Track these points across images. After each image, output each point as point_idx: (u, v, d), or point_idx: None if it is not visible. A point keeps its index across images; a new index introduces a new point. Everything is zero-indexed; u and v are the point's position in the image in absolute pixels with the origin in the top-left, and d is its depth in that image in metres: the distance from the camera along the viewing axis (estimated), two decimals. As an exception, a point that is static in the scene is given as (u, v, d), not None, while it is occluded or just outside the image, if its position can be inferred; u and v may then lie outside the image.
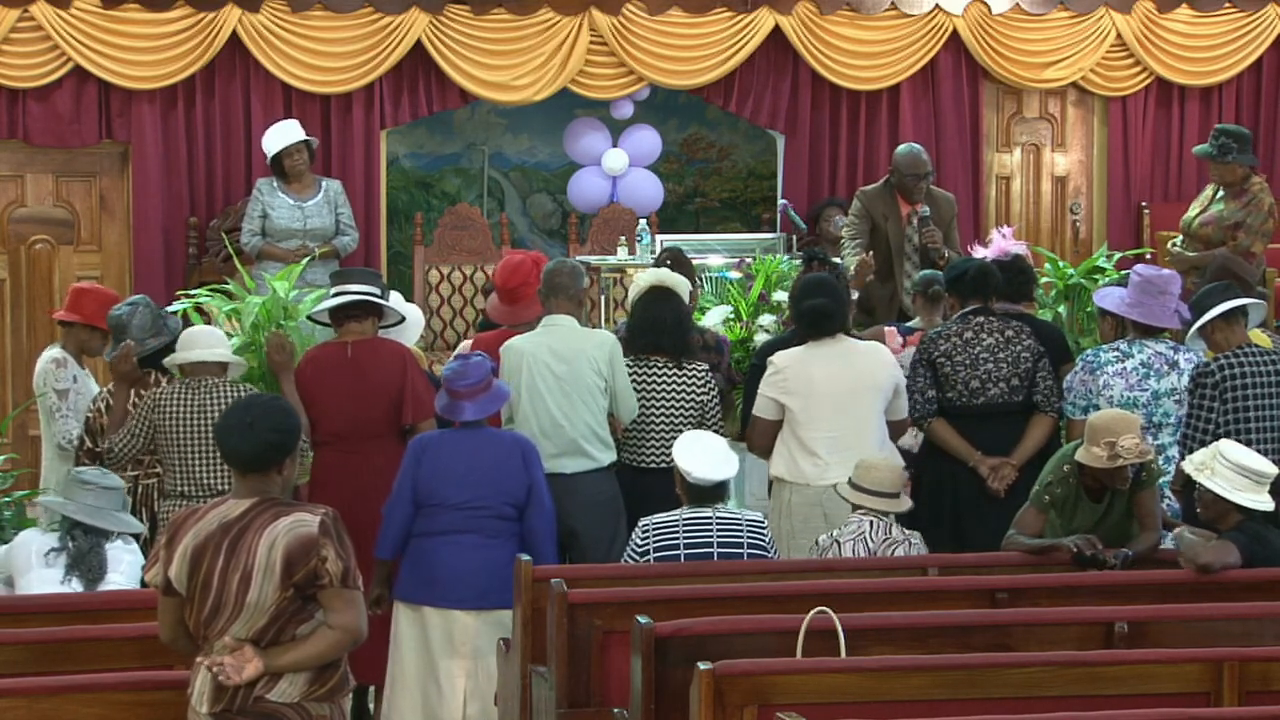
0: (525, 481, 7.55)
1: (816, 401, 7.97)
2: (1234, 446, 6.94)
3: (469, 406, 7.58)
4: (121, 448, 7.95)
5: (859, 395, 8.01)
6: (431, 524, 7.52)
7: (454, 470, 7.51)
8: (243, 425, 5.21)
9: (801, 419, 7.98)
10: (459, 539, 7.47)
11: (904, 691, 5.55)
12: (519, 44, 12.30)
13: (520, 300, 8.55)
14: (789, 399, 8.01)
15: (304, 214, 11.16)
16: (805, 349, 8.11)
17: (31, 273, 11.92)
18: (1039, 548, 7.14)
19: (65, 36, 11.67)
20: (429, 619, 7.54)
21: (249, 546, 5.13)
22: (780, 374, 8.06)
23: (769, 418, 8.08)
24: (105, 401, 8.27)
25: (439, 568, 7.47)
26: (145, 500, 8.20)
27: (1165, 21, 12.99)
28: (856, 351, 8.16)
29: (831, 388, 7.98)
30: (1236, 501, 6.81)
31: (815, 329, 8.10)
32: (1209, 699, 5.63)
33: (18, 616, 6.44)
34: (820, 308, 8.08)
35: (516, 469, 7.56)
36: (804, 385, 8.00)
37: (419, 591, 7.53)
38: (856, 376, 8.03)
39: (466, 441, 7.59)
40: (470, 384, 7.56)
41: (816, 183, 12.76)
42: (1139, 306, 8.30)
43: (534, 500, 7.56)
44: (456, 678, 7.53)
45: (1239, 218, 10.16)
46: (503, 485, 7.53)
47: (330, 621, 5.18)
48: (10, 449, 10.19)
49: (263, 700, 5.16)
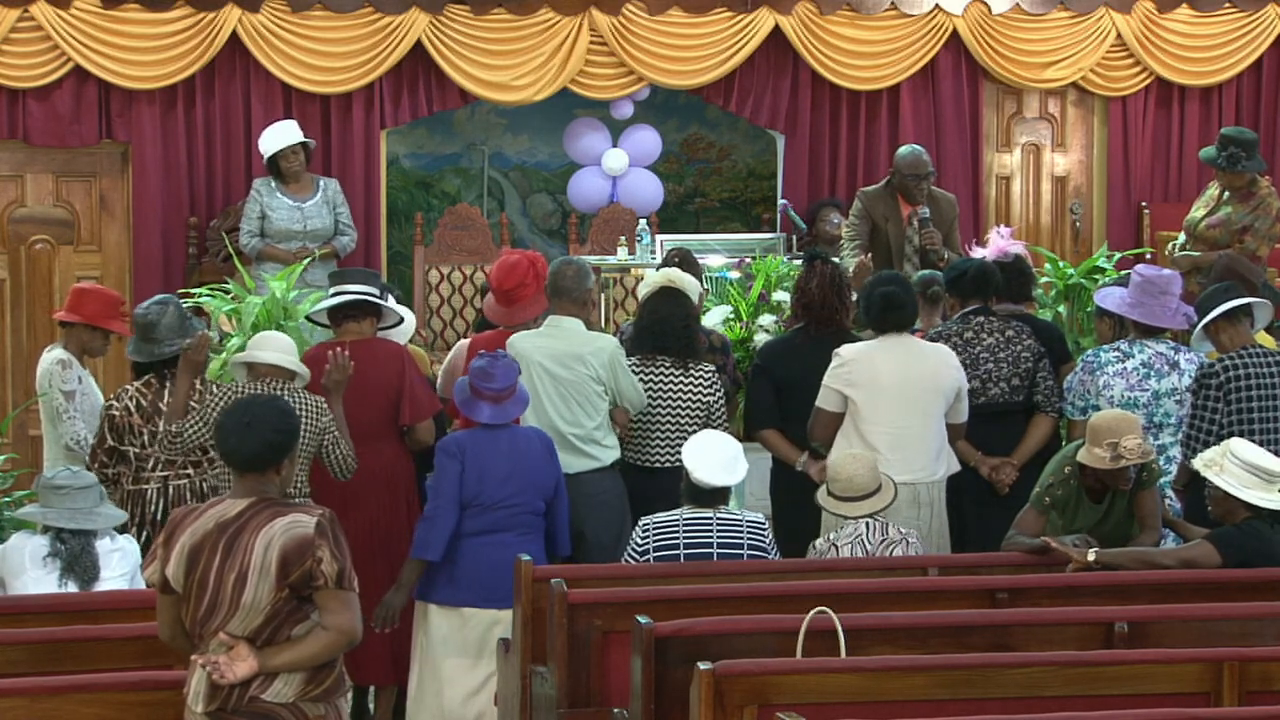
0: (555, 475, 7.62)
1: (880, 396, 7.92)
2: (1245, 444, 6.95)
3: (487, 409, 7.56)
4: (193, 433, 7.86)
5: (923, 394, 7.97)
6: (473, 525, 7.51)
7: (497, 470, 7.50)
8: (241, 425, 5.21)
9: (864, 412, 7.92)
10: (498, 538, 7.47)
11: (904, 691, 5.55)
12: (519, 44, 12.30)
13: (517, 301, 8.49)
14: (853, 391, 7.96)
15: (303, 214, 11.16)
16: (874, 343, 8.06)
17: (31, 273, 11.91)
18: (1039, 548, 7.14)
19: (65, 36, 11.67)
20: (471, 619, 7.52)
21: (245, 546, 5.13)
22: (845, 366, 8.01)
23: (831, 409, 8.02)
24: (135, 400, 8.17)
25: (483, 568, 7.45)
26: (178, 500, 8.13)
27: (1165, 21, 12.99)
28: (924, 351, 8.12)
29: (896, 383, 7.93)
30: (1245, 499, 6.81)
31: (885, 318, 8.04)
32: (1209, 699, 5.63)
33: (17, 617, 6.44)
34: (892, 296, 8.04)
35: (548, 464, 7.61)
36: (868, 378, 7.95)
37: (464, 594, 7.51)
38: (922, 376, 7.99)
39: (501, 441, 7.56)
40: (494, 388, 7.54)
41: (816, 183, 12.75)
42: (1140, 307, 8.30)
43: (560, 492, 7.63)
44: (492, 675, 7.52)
45: (1247, 221, 10.14)
46: (538, 481, 7.57)
47: (325, 622, 5.17)
48: (10, 449, 10.18)
49: (258, 700, 5.17)
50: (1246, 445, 6.95)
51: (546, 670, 6.50)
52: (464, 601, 7.53)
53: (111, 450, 8.13)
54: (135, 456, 8.11)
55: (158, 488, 8.11)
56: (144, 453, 8.12)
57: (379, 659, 8.00)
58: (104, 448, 8.13)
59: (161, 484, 8.11)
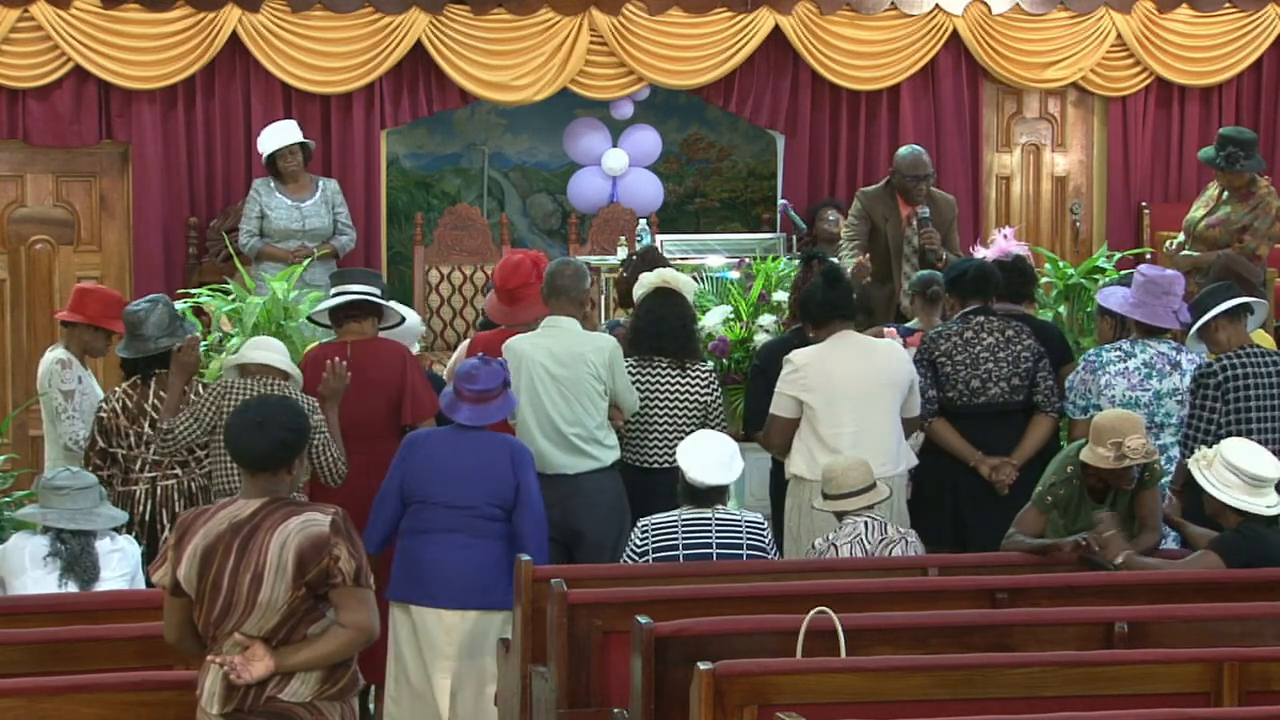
0: (512, 483, 7.51)
1: (837, 398, 7.95)
2: (1237, 447, 6.91)
3: (466, 410, 7.55)
4: (183, 431, 7.88)
5: (878, 391, 7.99)
6: (419, 522, 7.51)
7: (441, 468, 7.49)
8: (253, 425, 5.21)
9: (822, 416, 7.95)
10: (446, 538, 7.45)
11: (904, 691, 5.55)
12: (519, 44, 12.30)
13: (520, 301, 8.52)
14: (809, 395, 7.98)
15: (302, 214, 11.16)
16: (823, 346, 8.09)
17: (31, 273, 11.91)
18: (1039, 547, 7.14)
19: (65, 36, 11.67)
20: (419, 618, 7.53)
21: (260, 546, 5.12)
22: (799, 371, 8.03)
23: (787, 415, 8.05)
24: (121, 401, 8.21)
25: (426, 566, 7.47)
26: (166, 501, 8.15)
27: (1165, 21, 12.98)
28: (874, 348, 8.15)
29: (851, 384, 7.95)
30: (1223, 500, 6.80)
31: (828, 315, 8.11)
32: (1209, 699, 5.63)
33: (17, 617, 6.44)
34: (828, 295, 8.10)
35: (504, 470, 7.52)
36: (823, 381, 7.97)
37: (409, 590, 7.53)
38: (876, 373, 8.01)
39: (457, 441, 7.56)
40: (476, 390, 7.53)
41: (816, 183, 12.75)
42: (1142, 306, 8.29)
43: (521, 502, 7.51)
44: (441, 677, 7.51)
45: (1246, 221, 10.14)
46: (489, 485, 7.49)
47: (343, 620, 5.17)
48: (10, 449, 10.17)
49: (274, 700, 5.16)
50: (1240, 448, 6.91)
51: (546, 670, 6.50)
52: (412, 598, 7.52)
53: (102, 452, 8.16)
54: (123, 458, 8.13)
55: (146, 489, 8.13)
56: (131, 454, 8.15)
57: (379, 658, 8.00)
58: (95, 450, 8.16)
59: (150, 485, 8.13)
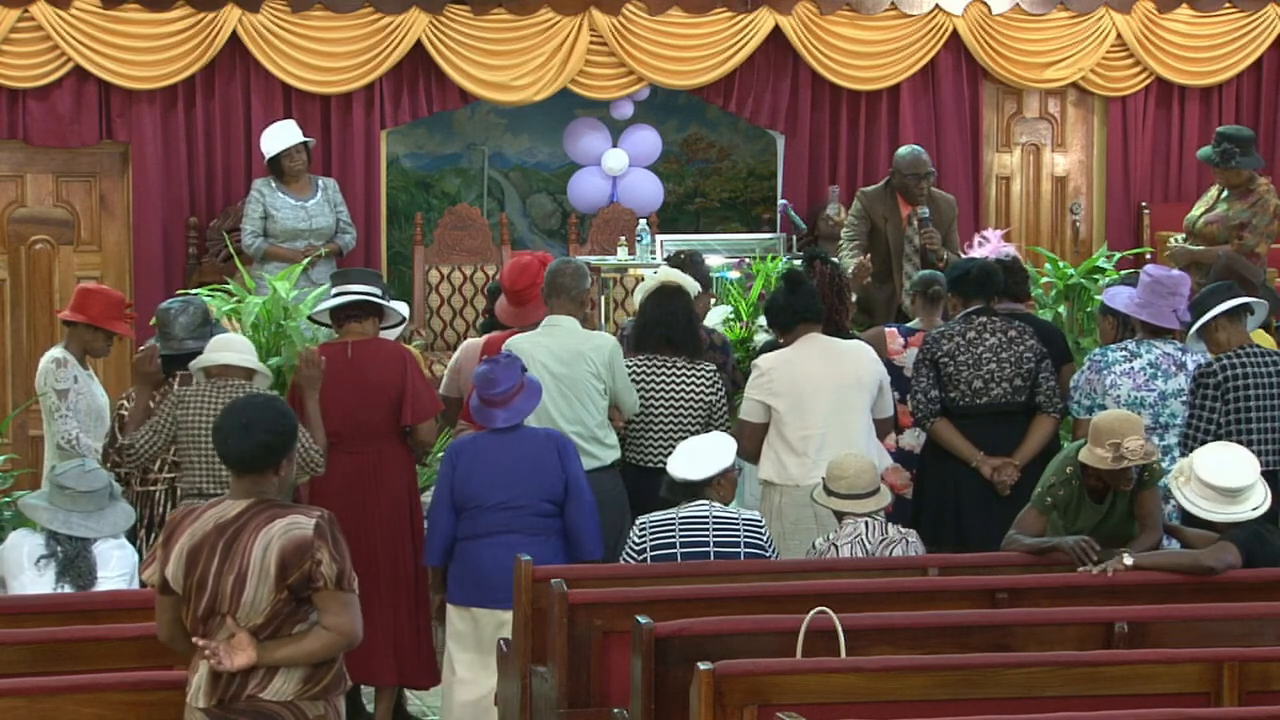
0: (562, 477, 7.56)
1: (803, 401, 7.97)
2: (1208, 460, 6.88)
3: (501, 414, 7.58)
4: (143, 444, 7.89)
5: (846, 393, 8.02)
6: (474, 527, 7.54)
7: (489, 471, 7.52)
8: (239, 426, 5.20)
9: (788, 419, 7.98)
10: (502, 539, 7.46)
11: (904, 691, 5.55)
12: (519, 44, 12.30)
13: (528, 302, 8.53)
14: (776, 400, 8.01)
15: (308, 213, 11.18)
16: (790, 350, 8.11)
17: (31, 273, 11.91)
18: (1039, 548, 7.14)
19: (65, 36, 11.67)
20: (481, 619, 7.55)
21: (244, 547, 5.13)
22: (766, 375, 8.07)
23: (756, 420, 8.08)
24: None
25: (485, 569, 7.48)
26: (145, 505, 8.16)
27: (1165, 21, 12.99)
28: (840, 350, 8.17)
29: (818, 387, 7.98)
30: (1201, 517, 6.82)
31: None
32: (1209, 699, 5.63)
33: (16, 617, 6.44)
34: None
35: (552, 465, 7.57)
36: (790, 386, 8.00)
37: (472, 595, 7.55)
38: (842, 375, 8.04)
39: (500, 442, 7.58)
40: (502, 391, 7.55)
41: (816, 183, 12.75)
42: (1148, 307, 8.27)
43: (572, 494, 7.57)
44: None
45: (1245, 218, 10.15)
46: (539, 482, 7.54)
47: (325, 623, 5.17)
48: (10, 449, 10.17)
49: (257, 699, 5.16)
50: (1211, 461, 6.88)
51: (546, 670, 6.49)
52: (471, 601, 7.56)
53: (121, 449, 8.14)
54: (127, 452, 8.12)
55: (165, 489, 8.14)
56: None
57: (382, 659, 8.00)
58: (115, 447, 8.13)
59: (169, 485, 8.13)
